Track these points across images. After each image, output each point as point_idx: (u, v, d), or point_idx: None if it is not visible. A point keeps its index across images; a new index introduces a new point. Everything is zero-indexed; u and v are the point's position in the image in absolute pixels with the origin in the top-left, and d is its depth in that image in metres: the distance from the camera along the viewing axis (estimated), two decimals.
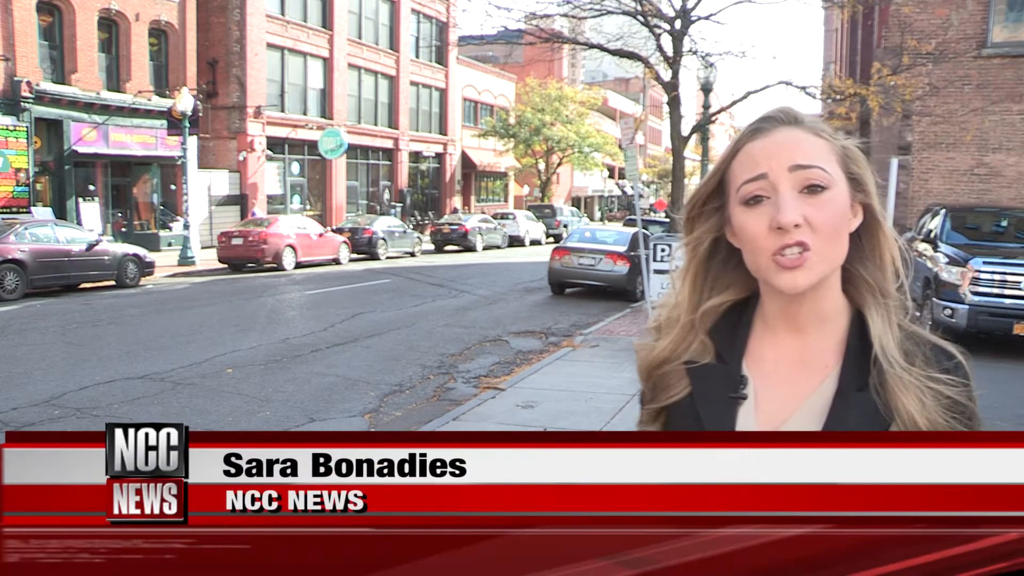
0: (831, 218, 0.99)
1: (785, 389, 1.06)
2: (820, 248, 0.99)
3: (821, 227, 0.98)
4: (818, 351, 1.06)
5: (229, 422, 6.58)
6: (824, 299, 1.05)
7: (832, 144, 1.04)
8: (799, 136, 1.02)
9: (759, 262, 1.02)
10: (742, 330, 1.10)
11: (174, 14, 24.47)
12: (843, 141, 1.06)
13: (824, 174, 1.00)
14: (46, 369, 8.39)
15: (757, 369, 1.08)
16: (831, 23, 33.27)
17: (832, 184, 1.00)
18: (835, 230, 1.00)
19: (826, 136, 1.04)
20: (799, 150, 1.01)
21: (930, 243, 10.46)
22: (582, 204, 56.98)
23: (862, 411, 1.01)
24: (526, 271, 20.49)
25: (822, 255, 0.99)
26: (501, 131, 40.47)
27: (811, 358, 1.06)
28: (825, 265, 1.00)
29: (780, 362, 1.07)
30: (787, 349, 1.07)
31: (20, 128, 20.02)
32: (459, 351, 9.80)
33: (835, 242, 1.01)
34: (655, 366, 1.14)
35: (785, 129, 1.03)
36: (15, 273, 14.13)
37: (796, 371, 1.06)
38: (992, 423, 4.87)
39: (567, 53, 38.64)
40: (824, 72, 32.04)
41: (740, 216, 1.03)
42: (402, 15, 35.86)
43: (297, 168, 30.85)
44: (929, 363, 1.02)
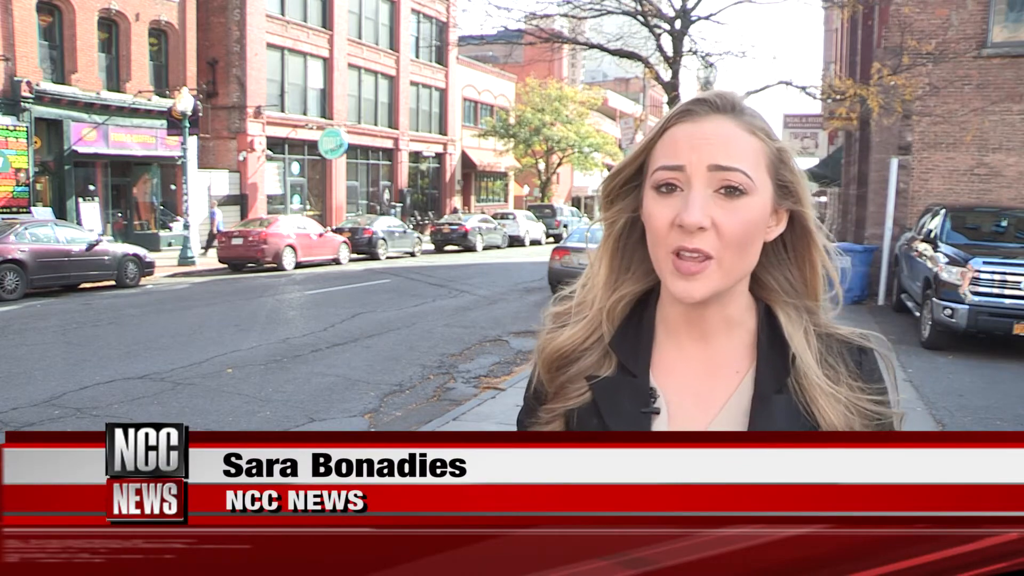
0: (742, 226, 0.92)
1: (698, 398, 1.00)
2: (724, 257, 0.92)
3: (729, 234, 0.91)
4: (727, 356, 1.01)
5: (229, 422, 6.58)
6: (729, 305, 0.99)
7: (765, 145, 0.95)
8: (729, 131, 0.93)
9: (658, 255, 0.95)
10: (644, 338, 1.03)
11: (174, 14, 24.47)
12: (780, 144, 0.98)
13: (745, 178, 0.92)
14: (46, 369, 8.39)
15: (666, 380, 1.01)
16: (831, 23, 33.27)
17: (752, 190, 0.92)
18: (745, 239, 0.93)
19: (760, 135, 0.95)
20: (724, 148, 0.92)
21: (930, 243, 10.46)
22: (582, 204, 56.99)
23: (785, 413, 0.97)
24: (526, 271, 20.49)
25: (725, 265, 0.92)
26: (501, 131, 40.48)
27: (720, 364, 1.00)
28: (726, 277, 0.94)
29: (688, 371, 1.01)
30: (694, 356, 1.01)
31: (20, 128, 20.02)
32: (459, 351, 9.80)
33: (742, 252, 0.93)
34: (559, 358, 1.06)
35: (717, 119, 0.94)
36: (15, 273, 14.14)
37: (707, 379, 1.00)
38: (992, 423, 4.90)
39: (567, 53, 38.65)
40: (824, 72, 32.05)
41: (650, 201, 0.96)
42: (402, 15, 35.87)
43: (297, 168, 30.86)
44: (851, 372, 0.99)
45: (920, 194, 14.67)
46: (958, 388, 7.66)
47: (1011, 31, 14.34)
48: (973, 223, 11.15)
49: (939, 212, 11.08)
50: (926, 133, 14.72)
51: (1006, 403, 7.22)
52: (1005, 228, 10.97)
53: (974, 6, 14.35)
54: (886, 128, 15.33)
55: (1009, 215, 11.39)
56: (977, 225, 11.12)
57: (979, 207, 12.64)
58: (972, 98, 14.40)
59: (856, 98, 14.94)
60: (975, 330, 9.13)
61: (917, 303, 10.64)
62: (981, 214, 11.70)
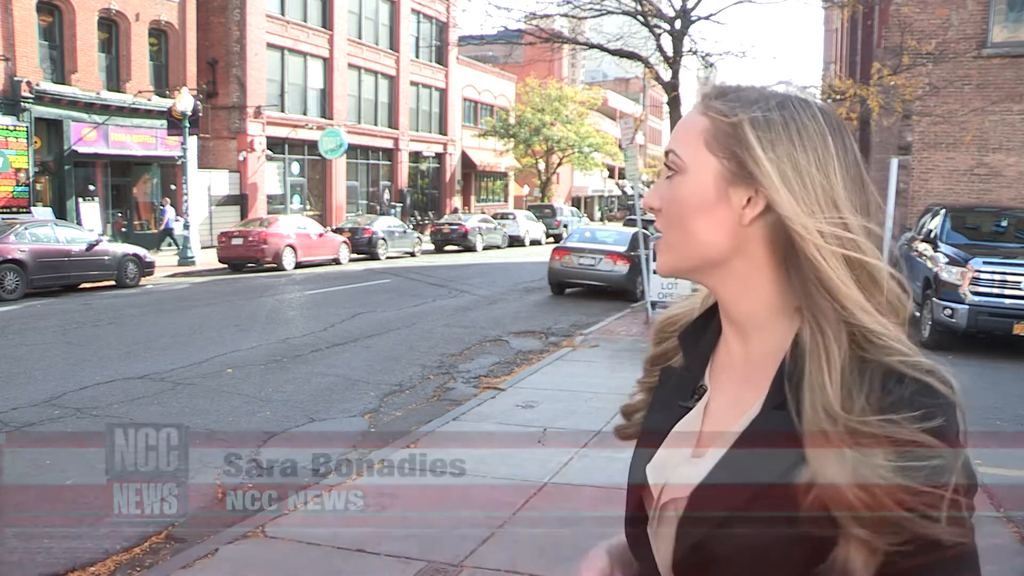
0: (673, 204, 0.93)
1: (732, 401, 0.96)
2: (667, 234, 0.95)
3: (666, 212, 0.94)
4: (762, 361, 0.93)
5: (229, 422, 6.57)
6: (741, 302, 0.94)
7: (715, 122, 0.91)
8: (689, 116, 0.96)
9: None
10: (709, 333, 1.02)
11: (174, 14, 24.47)
12: (737, 118, 0.89)
13: (675, 158, 0.93)
14: (46, 369, 8.39)
15: (718, 378, 0.99)
16: (831, 23, 33.28)
17: (683, 168, 0.92)
18: (679, 216, 0.93)
19: (712, 114, 0.91)
20: (676, 133, 0.96)
21: (930, 243, 10.47)
22: (582, 204, 56.98)
23: (774, 431, 0.86)
24: (526, 271, 20.49)
25: (671, 242, 0.95)
26: (501, 131, 40.49)
27: (755, 367, 0.94)
28: (677, 255, 0.95)
29: (732, 371, 0.97)
30: (737, 357, 0.97)
31: (20, 128, 20.02)
32: (459, 351, 9.80)
33: (684, 230, 0.92)
34: (668, 325, 1.10)
35: (694, 106, 0.98)
36: (15, 273, 14.14)
37: (742, 383, 0.95)
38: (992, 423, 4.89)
39: (567, 53, 38.62)
40: (824, 72, 32.06)
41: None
42: (402, 15, 35.86)
43: (297, 168, 30.85)
44: (871, 398, 0.81)
45: (920, 194, 14.68)
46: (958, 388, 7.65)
47: (1011, 31, 14.34)
48: (973, 223, 11.16)
49: (939, 212, 11.08)
50: (926, 133, 14.73)
51: (1006, 403, 7.22)
52: (1005, 228, 10.97)
53: (974, 6, 14.35)
54: (886, 128, 15.34)
55: (1009, 215, 11.39)
56: (977, 225, 11.12)
57: (979, 207, 12.65)
58: (972, 98, 14.40)
59: (856, 98, 14.93)
60: (975, 330, 9.13)
61: (917, 303, 10.65)
62: (981, 214, 11.70)
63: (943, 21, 14.46)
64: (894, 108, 14.08)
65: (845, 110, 15.71)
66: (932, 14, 14.49)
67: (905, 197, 14.37)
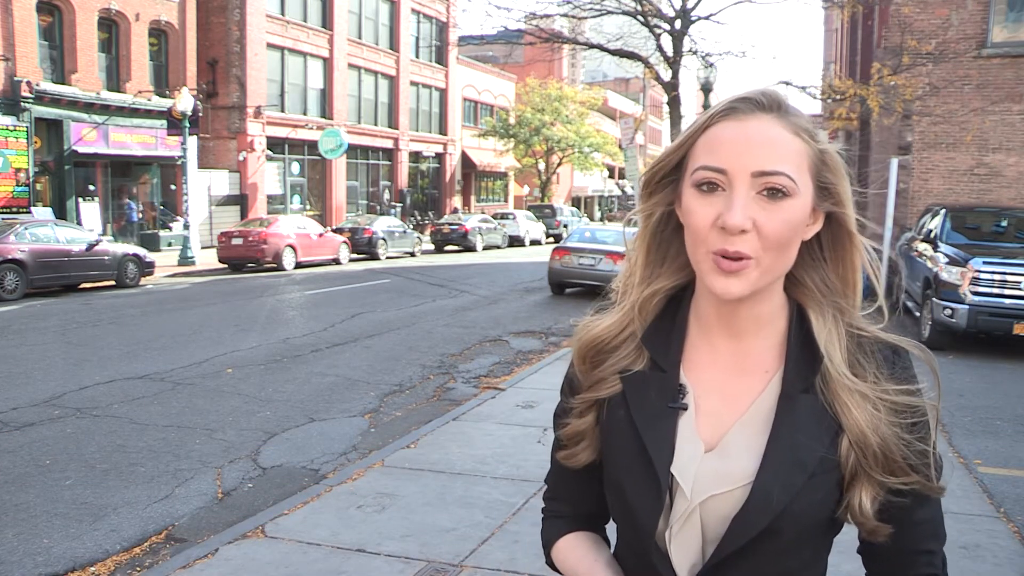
0: (783, 227, 0.91)
1: (726, 396, 1.00)
2: (763, 258, 0.92)
3: (770, 235, 0.91)
4: (757, 355, 1.00)
5: (229, 422, 6.57)
6: (763, 303, 0.99)
7: (809, 147, 0.95)
8: (774, 132, 0.93)
9: (698, 253, 0.95)
10: (676, 334, 1.04)
11: (174, 14, 24.47)
12: (823, 144, 0.97)
13: (789, 181, 0.91)
14: (46, 369, 8.39)
15: (696, 376, 1.01)
16: (831, 23, 33.28)
17: (795, 193, 0.92)
18: (785, 240, 0.92)
19: (804, 137, 0.95)
20: (767, 152, 0.91)
21: (930, 243, 10.46)
22: (582, 204, 57.00)
23: (809, 413, 0.96)
24: (526, 271, 20.49)
25: (764, 265, 0.92)
26: (501, 131, 40.48)
27: (750, 362, 1.00)
28: (766, 276, 0.93)
29: (718, 368, 1.01)
30: (724, 354, 1.01)
31: (20, 128, 20.02)
32: (459, 351, 9.79)
33: (782, 253, 0.93)
34: (594, 347, 1.07)
35: (761, 118, 0.93)
36: (15, 273, 14.14)
37: (735, 377, 1.00)
38: (992, 423, 4.89)
39: (567, 53, 38.64)
40: (824, 72, 32.07)
41: (690, 199, 0.95)
42: (402, 15, 35.86)
43: (297, 168, 30.86)
44: (881, 370, 0.97)
45: (920, 194, 14.68)
46: (958, 388, 7.65)
47: (1011, 31, 14.34)
48: (973, 223, 11.14)
49: (939, 212, 11.07)
50: (926, 133, 14.72)
51: (1006, 403, 7.22)
52: (1005, 228, 10.97)
53: (974, 6, 14.35)
54: (886, 128, 15.34)
55: (1009, 215, 11.37)
56: (977, 225, 11.10)
57: (979, 207, 12.63)
58: (972, 98, 14.40)
59: (856, 98, 14.94)
60: (975, 330, 9.13)
61: (917, 303, 10.64)
62: (981, 214, 11.69)
63: (943, 21, 14.46)
64: (894, 108, 14.08)
65: (845, 110, 15.73)
66: (932, 14, 14.49)
67: (905, 197, 14.36)
